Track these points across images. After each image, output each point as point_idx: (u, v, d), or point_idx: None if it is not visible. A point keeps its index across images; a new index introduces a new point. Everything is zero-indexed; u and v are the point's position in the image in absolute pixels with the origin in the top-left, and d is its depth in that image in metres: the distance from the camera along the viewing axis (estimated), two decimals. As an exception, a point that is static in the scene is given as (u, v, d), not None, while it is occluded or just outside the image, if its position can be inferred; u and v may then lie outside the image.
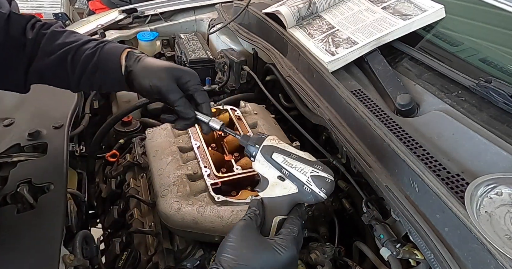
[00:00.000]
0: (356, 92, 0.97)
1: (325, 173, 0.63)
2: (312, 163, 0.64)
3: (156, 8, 1.72)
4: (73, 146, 1.12)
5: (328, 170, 0.64)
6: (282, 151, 0.65)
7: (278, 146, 0.66)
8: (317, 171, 0.63)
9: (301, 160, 0.64)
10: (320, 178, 0.62)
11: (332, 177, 0.64)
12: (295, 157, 0.64)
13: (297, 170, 0.63)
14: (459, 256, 0.61)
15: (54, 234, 0.74)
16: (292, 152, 0.65)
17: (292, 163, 0.64)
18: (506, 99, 0.80)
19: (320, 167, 0.63)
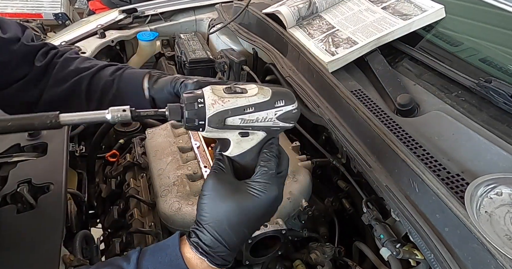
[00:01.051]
0: (356, 92, 0.97)
1: (288, 105, 0.55)
2: (272, 102, 0.55)
3: (156, 8, 1.72)
4: (73, 146, 1.13)
5: (288, 95, 0.56)
6: (235, 111, 0.53)
7: (226, 107, 0.52)
8: (281, 109, 0.55)
9: (259, 107, 0.54)
10: (286, 114, 0.55)
11: (295, 102, 0.56)
12: (252, 109, 0.54)
13: (260, 121, 0.55)
14: (459, 256, 0.61)
15: (54, 234, 0.74)
16: (245, 104, 0.53)
17: (252, 118, 0.54)
18: (506, 99, 0.80)
19: (281, 101, 0.55)
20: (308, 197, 0.95)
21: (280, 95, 0.56)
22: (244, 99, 0.54)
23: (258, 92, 0.55)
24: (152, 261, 0.54)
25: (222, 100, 0.52)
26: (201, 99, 0.52)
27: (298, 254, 0.93)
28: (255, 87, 0.56)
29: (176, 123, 1.10)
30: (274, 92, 0.56)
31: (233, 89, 0.54)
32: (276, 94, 0.55)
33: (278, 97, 0.55)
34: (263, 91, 0.55)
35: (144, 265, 0.53)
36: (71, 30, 1.60)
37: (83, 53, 1.38)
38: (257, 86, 0.56)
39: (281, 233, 0.83)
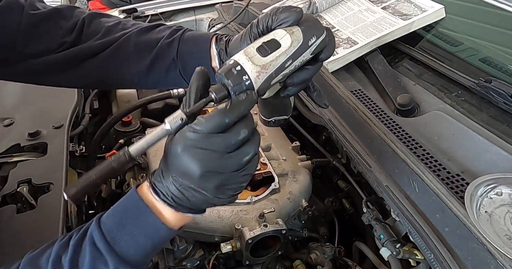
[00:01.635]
0: (356, 92, 0.97)
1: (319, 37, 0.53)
2: (306, 43, 0.52)
3: (156, 8, 1.72)
4: (73, 146, 1.12)
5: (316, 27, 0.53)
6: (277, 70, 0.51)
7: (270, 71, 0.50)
8: (314, 45, 0.53)
9: (296, 54, 0.52)
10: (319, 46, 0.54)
11: (323, 30, 0.53)
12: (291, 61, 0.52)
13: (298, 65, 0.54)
14: (459, 256, 0.61)
15: (54, 234, 0.74)
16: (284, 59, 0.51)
17: (292, 68, 0.53)
18: (506, 99, 0.80)
19: (313, 37, 0.52)
20: (308, 197, 0.95)
21: (310, 30, 0.52)
22: (283, 55, 0.51)
23: (292, 40, 0.51)
24: (109, 210, 0.50)
25: (265, 68, 0.50)
26: (246, 76, 0.48)
27: (298, 254, 0.93)
28: (285, 34, 0.51)
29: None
30: (302, 30, 0.52)
31: (264, 49, 0.51)
32: (306, 32, 0.52)
33: (309, 34, 0.52)
34: (295, 36, 0.51)
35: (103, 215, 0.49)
36: (71, 30, 1.60)
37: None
38: (287, 32, 0.51)
39: (281, 233, 0.83)
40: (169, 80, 0.72)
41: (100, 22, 0.72)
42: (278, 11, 0.53)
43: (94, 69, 0.70)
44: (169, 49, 0.68)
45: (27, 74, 0.71)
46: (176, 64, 0.68)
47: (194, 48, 0.68)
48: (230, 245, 0.82)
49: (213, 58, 0.66)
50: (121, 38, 0.69)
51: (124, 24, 0.73)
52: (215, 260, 0.87)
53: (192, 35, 0.70)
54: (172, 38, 0.68)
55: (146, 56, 0.69)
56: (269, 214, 0.85)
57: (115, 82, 0.76)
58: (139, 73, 0.71)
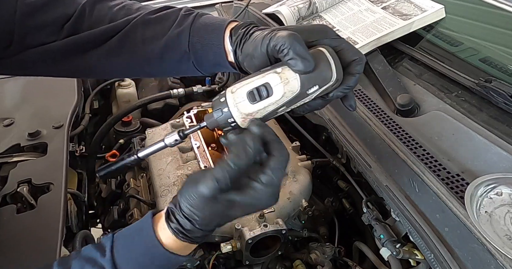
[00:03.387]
0: (356, 92, 0.97)
1: (323, 86, 0.49)
2: (303, 93, 0.49)
3: (156, 8, 1.72)
4: (73, 146, 1.13)
5: (320, 76, 0.49)
6: (268, 115, 0.51)
7: (258, 116, 0.51)
8: (316, 93, 0.50)
9: (291, 103, 0.50)
10: (324, 91, 0.51)
11: (331, 78, 0.49)
12: (284, 107, 0.51)
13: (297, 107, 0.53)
14: (459, 256, 0.61)
15: (54, 234, 0.74)
16: (275, 108, 0.50)
17: (288, 110, 0.53)
18: (506, 99, 0.80)
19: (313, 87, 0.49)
20: (308, 197, 0.95)
21: (310, 80, 0.48)
22: (273, 105, 0.49)
23: (284, 90, 0.48)
24: (127, 249, 0.52)
25: (251, 115, 0.50)
26: (231, 119, 0.51)
27: (298, 254, 0.93)
28: (279, 82, 0.48)
29: (176, 123, 1.11)
30: (301, 80, 0.48)
31: (256, 97, 0.49)
32: (305, 81, 0.48)
33: (309, 84, 0.48)
34: (289, 87, 0.48)
35: (119, 256, 0.51)
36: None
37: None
38: (281, 81, 0.48)
39: (281, 233, 0.83)
40: (183, 70, 0.70)
41: (103, 8, 0.68)
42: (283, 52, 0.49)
43: (99, 60, 0.68)
44: (179, 40, 0.65)
45: (27, 66, 0.68)
46: (189, 56, 0.65)
47: (206, 41, 0.64)
48: (230, 245, 0.82)
49: (228, 53, 0.62)
50: (126, 26, 0.66)
51: (128, 9, 0.69)
52: (215, 260, 0.87)
53: (203, 24, 0.65)
54: (182, 28, 0.65)
55: (155, 48, 0.66)
56: (269, 214, 0.85)
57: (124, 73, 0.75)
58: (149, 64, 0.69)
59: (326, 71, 0.48)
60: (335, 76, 0.49)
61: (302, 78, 0.48)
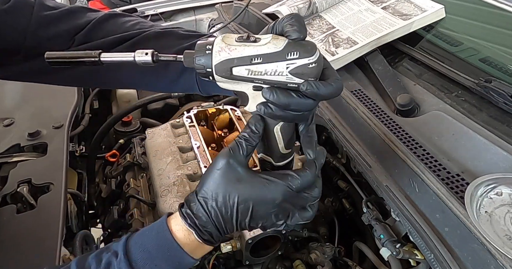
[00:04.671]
0: (356, 92, 0.97)
1: (303, 57, 0.49)
2: (283, 54, 0.49)
3: (156, 8, 1.72)
4: (73, 146, 1.13)
5: (305, 47, 0.49)
6: (241, 60, 0.50)
7: (232, 55, 0.49)
8: (293, 62, 0.49)
9: (268, 58, 0.49)
10: (299, 68, 0.49)
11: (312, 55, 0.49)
12: (259, 60, 0.49)
13: (269, 74, 0.50)
14: (459, 256, 0.61)
15: (54, 234, 0.74)
16: (252, 54, 0.49)
17: (260, 70, 0.50)
18: (506, 99, 0.80)
19: (294, 53, 0.48)
20: (308, 197, 0.95)
21: (295, 47, 0.49)
22: (252, 48, 0.49)
23: (270, 42, 0.49)
24: (139, 236, 0.54)
25: (229, 48, 0.49)
26: (210, 46, 0.50)
27: (298, 254, 0.93)
28: (270, 36, 0.50)
29: (176, 123, 1.11)
30: (289, 42, 0.49)
31: (245, 37, 0.50)
32: (290, 45, 0.49)
33: (291, 49, 0.49)
34: (276, 42, 0.49)
35: (132, 240, 0.53)
36: (71, 30, 1.60)
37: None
38: (273, 37, 0.50)
39: (281, 233, 0.83)
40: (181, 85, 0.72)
41: (116, 22, 0.71)
42: (285, 21, 0.51)
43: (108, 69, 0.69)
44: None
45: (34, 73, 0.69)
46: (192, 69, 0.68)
47: None
48: (230, 245, 0.82)
49: None
50: (138, 35, 0.68)
51: (142, 24, 0.72)
52: (215, 260, 0.87)
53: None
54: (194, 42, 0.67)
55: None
56: (269, 214, 0.84)
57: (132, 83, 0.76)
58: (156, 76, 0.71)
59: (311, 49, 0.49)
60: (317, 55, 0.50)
61: (289, 41, 0.49)
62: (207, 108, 1.13)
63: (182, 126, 1.09)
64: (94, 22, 0.68)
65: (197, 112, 1.10)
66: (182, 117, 1.10)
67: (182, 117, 1.09)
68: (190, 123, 1.06)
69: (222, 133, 1.07)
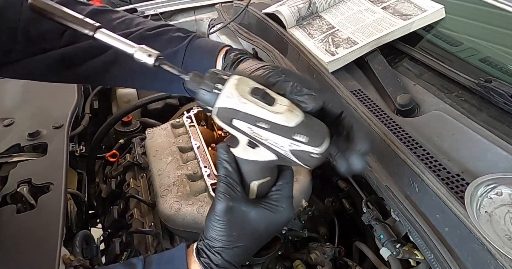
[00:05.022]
0: (356, 92, 0.97)
1: (309, 145, 0.45)
2: (291, 132, 0.45)
3: (156, 8, 1.72)
4: (73, 146, 1.13)
5: (316, 134, 0.46)
6: (246, 117, 0.46)
7: (240, 108, 0.45)
8: (298, 144, 0.45)
9: (274, 128, 0.45)
10: (301, 153, 0.46)
11: (320, 146, 0.46)
12: (265, 126, 0.45)
13: (270, 143, 0.47)
14: (459, 256, 0.61)
15: (54, 234, 0.74)
16: (261, 116, 0.45)
17: (261, 134, 0.46)
18: (506, 99, 0.80)
19: (303, 136, 0.45)
20: (308, 197, 0.95)
21: (307, 130, 0.45)
22: (263, 110, 0.45)
23: (284, 113, 0.45)
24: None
25: (239, 99, 0.45)
26: (221, 86, 0.46)
27: (298, 254, 0.93)
28: (287, 105, 0.46)
29: (176, 123, 1.11)
30: (302, 121, 0.46)
31: (260, 94, 0.46)
32: (302, 126, 0.45)
33: (302, 130, 0.45)
34: (290, 115, 0.45)
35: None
36: (71, 30, 1.60)
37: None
38: (289, 106, 0.46)
39: (281, 233, 0.83)
40: (173, 89, 0.71)
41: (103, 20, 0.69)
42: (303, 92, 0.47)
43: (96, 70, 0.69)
44: (175, 59, 0.67)
45: (28, 72, 0.70)
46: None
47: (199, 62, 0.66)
48: (230, 245, 0.82)
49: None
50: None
51: (128, 23, 0.70)
52: (215, 260, 0.87)
53: (199, 45, 0.68)
54: (178, 47, 0.67)
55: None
56: (269, 214, 0.84)
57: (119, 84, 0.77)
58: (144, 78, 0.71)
59: (321, 138, 0.46)
60: (324, 148, 0.46)
61: (302, 121, 0.46)
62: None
63: (182, 126, 1.09)
64: None
65: (197, 112, 1.10)
66: (182, 117, 1.10)
67: (182, 117, 1.09)
68: (190, 123, 1.06)
69: (222, 134, 1.07)
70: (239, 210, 0.53)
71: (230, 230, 0.53)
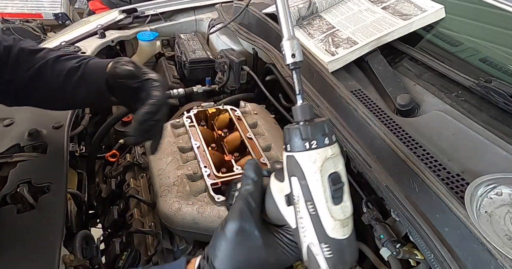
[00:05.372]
0: (356, 92, 0.97)
1: (328, 263, 0.45)
2: (325, 239, 0.45)
3: (156, 8, 1.72)
4: (73, 146, 1.12)
5: (342, 260, 0.45)
6: (304, 188, 0.46)
7: (307, 178, 0.46)
8: (318, 252, 0.45)
9: (316, 222, 0.45)
10: (312, 258, 0.45)
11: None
12: (311, 210, 0.45)
13: (300, 223, 0.47)
14: (459, 256, 0.61)
15: (54, 234, 0.74)
16: (315, 202, 0.45)
17: (302, 213, 0.46)
18: (506, 99, 0.80)
19: (329, 253, 0.44)
20: (308, 197, 0.95)
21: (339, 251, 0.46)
22: (322, 202, 0.47)
23: (337, 222, 0.47)
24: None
25: (315, 173, 0.48)
26: (315, 145, 0.49)
27: (298, 254, 0.93)
28: (347, 216, 0.50)
29: (176, 123, 1.11)
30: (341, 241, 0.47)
31: (336, 186, 0.50)
32: (337, 244, 0.46)
33: (333, 247, 0.46)
34: (340, 228, 0.48)
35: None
36: (71, 30, 1.60)
37: (83, 53, 1.38)
38: (348, 218, 0.50)
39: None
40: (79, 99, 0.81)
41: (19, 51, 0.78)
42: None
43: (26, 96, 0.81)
44: (76, 71, 0.79)
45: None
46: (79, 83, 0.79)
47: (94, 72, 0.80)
48: (230, 245, 0.82)
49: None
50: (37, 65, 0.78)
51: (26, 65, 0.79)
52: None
53: (94, 61, 0.82)
54: (81, 63, 0.80)
55: (61, 79, 0.79)
56: (269, 214, 0.85)
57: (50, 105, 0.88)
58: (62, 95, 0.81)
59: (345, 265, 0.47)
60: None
61: (344, 241, 0.48)
62: (207, 108, 1.13)
63: (182, 126, 1.09)
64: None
65: (197, 112, 1.10)
66: (182, 117, 1.10)
67: (182, 117, 1.09)
68: (190, 123, 1.06)
69: (222, 134, 1.07)
70: (252, 234, 0.49)
71: (238, 254, 0.49)
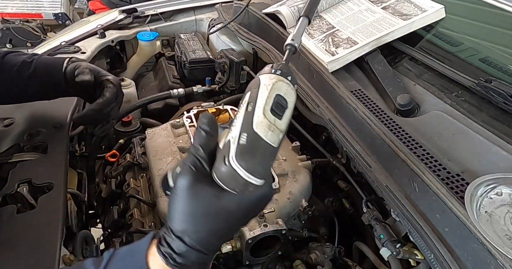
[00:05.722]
0: (356, 92, 0.97)
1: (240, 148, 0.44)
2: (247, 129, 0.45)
3: (156, 8, 1.72)
4: (73, 146, 1.12)
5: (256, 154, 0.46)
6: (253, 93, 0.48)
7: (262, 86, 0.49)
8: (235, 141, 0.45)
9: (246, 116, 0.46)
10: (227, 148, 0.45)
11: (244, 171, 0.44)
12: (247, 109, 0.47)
13: (231, 126, 0.47)
14: (459, 256, 0.61)
15: (54, 234, 0.74)
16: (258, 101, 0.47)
17: (238, 116, 0.47)
18: (506, 99, 0.80)
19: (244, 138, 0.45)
20: (308, 197, 0.95)
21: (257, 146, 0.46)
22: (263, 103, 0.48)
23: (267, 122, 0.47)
24: (117, 267, 0.49)
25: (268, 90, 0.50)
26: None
27: (298, 254, 0.93)
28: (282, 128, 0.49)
29: (176, 123, 1.11)
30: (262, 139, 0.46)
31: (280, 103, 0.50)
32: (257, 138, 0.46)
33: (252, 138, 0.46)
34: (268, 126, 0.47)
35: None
36: (71, 30, 1.60)
37: (83, 53, 1.38)
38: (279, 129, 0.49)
39: (281, 233, 0.82)
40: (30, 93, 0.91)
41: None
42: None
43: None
44: (29, 66, 0.87)
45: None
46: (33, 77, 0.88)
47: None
48: (230, 245, 0.82)
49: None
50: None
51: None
52: (215, 260, 0.87)
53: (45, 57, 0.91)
54: (32, 59, 0.87)
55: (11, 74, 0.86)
56: (269, 214, 0.85)
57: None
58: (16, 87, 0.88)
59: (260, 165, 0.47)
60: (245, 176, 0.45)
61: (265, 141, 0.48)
62: (207, 108, 1.13)
63: (182, 126, 1.09)
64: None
65: (197, 112, 1.10)
66: (182, 117, 1.10)
67: (182, 117, 1.09)
68: (190, 123, 1.06)
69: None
70: (205, 184, 0.46)
71: (194, 208, 0.45)
